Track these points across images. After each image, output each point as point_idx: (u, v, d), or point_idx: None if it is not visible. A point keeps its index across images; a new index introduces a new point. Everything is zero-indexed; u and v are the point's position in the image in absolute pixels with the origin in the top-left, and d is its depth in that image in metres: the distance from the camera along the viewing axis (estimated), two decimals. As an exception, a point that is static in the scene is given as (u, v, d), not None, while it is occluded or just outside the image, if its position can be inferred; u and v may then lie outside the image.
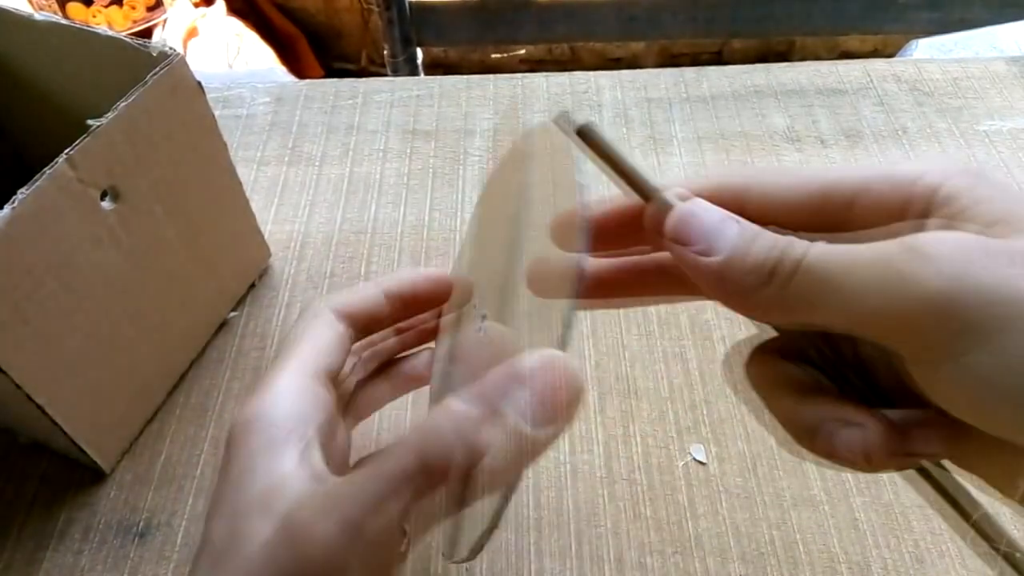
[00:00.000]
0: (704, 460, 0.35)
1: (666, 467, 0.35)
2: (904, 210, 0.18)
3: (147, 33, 1.15)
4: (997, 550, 0.18)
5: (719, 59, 1.38)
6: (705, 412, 0.36)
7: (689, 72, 0.54)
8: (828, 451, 0.19)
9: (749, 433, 0.36)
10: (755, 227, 0.19)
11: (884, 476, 0.34)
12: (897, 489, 0.34)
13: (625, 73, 0.54)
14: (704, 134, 0.50)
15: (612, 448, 0.35)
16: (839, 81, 0.53)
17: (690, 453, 0.35)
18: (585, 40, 1.28)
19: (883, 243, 0.17)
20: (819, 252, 0.17)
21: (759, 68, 0.54)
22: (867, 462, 0.18)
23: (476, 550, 0.19)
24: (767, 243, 0.18)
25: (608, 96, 0.53)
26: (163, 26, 1.16)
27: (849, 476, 0.34)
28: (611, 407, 0.37)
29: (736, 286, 0.18)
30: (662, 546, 0.32)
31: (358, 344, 0.26)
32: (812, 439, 0.19)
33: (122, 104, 0.29)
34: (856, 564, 0.32)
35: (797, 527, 0.33)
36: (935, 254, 0.16)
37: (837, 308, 0.17)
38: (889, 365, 0.19)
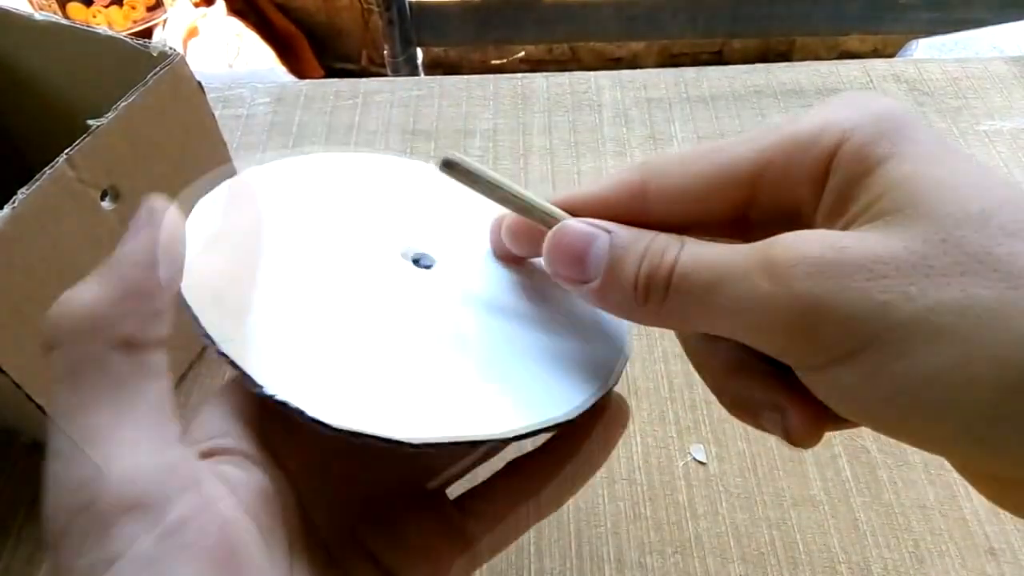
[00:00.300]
0: (704, 460, 0.35)
1: (666, 467, 0.35)
2: (811, 180, 0.17)
3: (147, 33, 1.15)
4: None
5: (719, 59, 1.38)
6: (705, 412, 0.36)
7: (689, 72, 0.54)
8: (755, 425, 0.19)
9: (749, 433, 0.36)
10: (626, 237, 0.18)
11: (884, 476, 0.34)
12: (897, 489, 0.34)
13: (625, 73, 0.54)
14: (704, 134, 0.50)
15: (612, 448, 0.35)
16: (839, 81, 0.53)
17: (690, 453, 0.35)
18: (585, 40, 1.28)
19: (745, 250, 0.16)
20: (687, 262, 0.16)
21: (759, 68, 0.54)
22: (789, 442, 0.18)
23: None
24: (634, 258, 0.17)
25: (608, 96, 0.53)
26: (163, 26, 1.16)
27: (849, 476, 0.34)
28: (611, 407, 0.37)
29: (618, 308, 0.18)
30: (662, 546, 0.32)
31: None
32: (740, 411, 0.19)
33: (122, 104, 0.29)
34: (856, 564, 0.32)
35: (797, 527, 0.33)
36: (788, 271, 0.15)
37: (712, 322, 0.16)
38: None
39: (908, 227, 0.14)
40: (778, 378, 0.18)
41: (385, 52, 1.04)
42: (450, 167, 0.20)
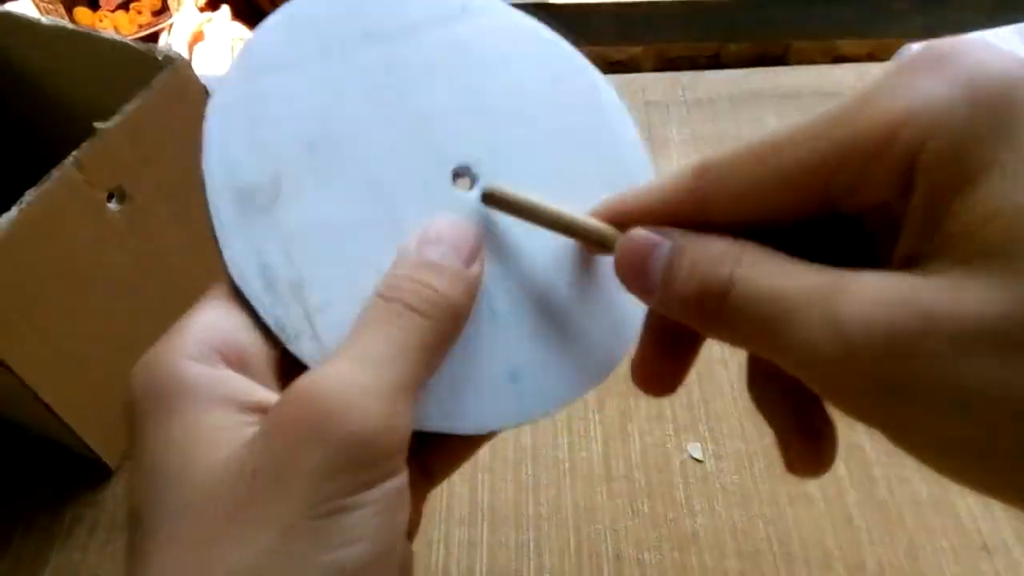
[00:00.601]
0: (701, 458, 0.35)
1: (664, 465, 0.35)
2: (893, 186, 0.13)
3: (153, 38, 1.15)
4: None
5: (716, 63, 1.38)
6: (702, 411, 0.37)
7: (686, 76, 0.54)
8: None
9: (745, 431, 0.36)
10: (684, 245, 0.16)
11: (878, 473, 0.34)
12: (892, 486, 0.34)
13: (622, 76, 0.55)
14: (701, 137, 0.50)
15: (610, 446, 0.36)
16: (835, 85, 0.54)
17: (687, 451, 0.35)
18: (583, 44, 1.29)
19: (809, 288, 0.13)
20: (742, 290, 0.14)
21: (756, 72, 0.55)
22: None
23: None
24: (686, 272, 0.16)
25: (607, 99, 0.53)
26: (169, 31, 1.17)
27: (844, 473, 0.34)
28: (610, 406, 0.37)
29: (680, 319, 0.16)
30: (659, 543, 0.33)
31: None
32: (758, 409, 0.19)
33: (128, 107, 0.30)
34: (851, 560, 0.32)
35: (793, 524, 0.33)
36: (858, 341, 0.12)
37: (769, 356, 0.15)
38: None
39: (1010, 283, 0.11)
40: (798, 403, 0.17)
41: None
42: (490, 199, 0.19)
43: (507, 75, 0.22)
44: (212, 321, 0.17)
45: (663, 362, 0.19)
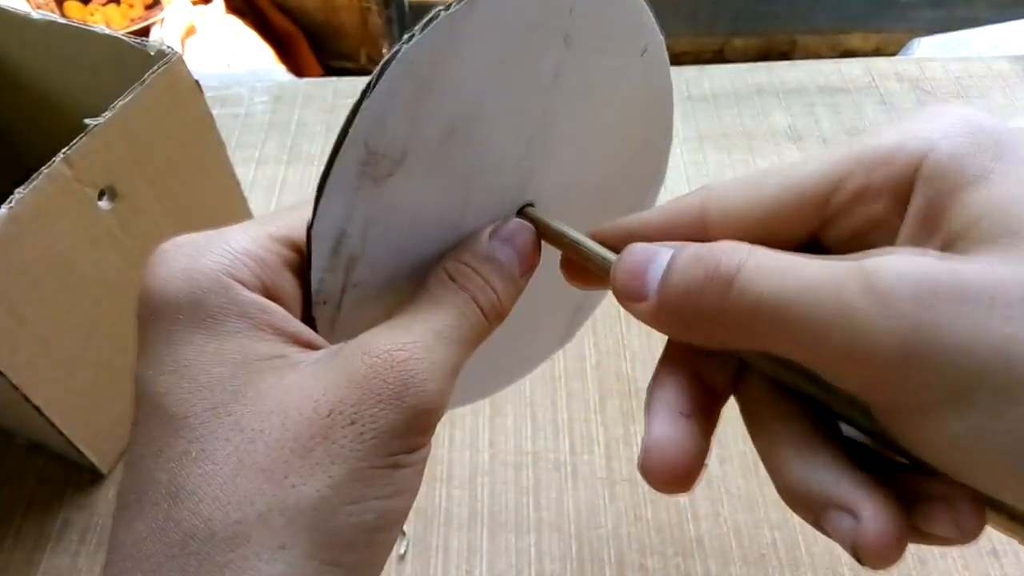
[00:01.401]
0: (706, 461, 0.35)
1: (667, 468, 0.34)
2: (892, 195, 0.15)
3: (145, 32, 1.15)
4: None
5: (721, 58, 1.38)
6: (706, 413, 0.36)
7: (691, 71, 0.54)
8: (815, 526, 0.16)
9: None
10: (689, 247, 0.16)
11: (886, 477, 0.34)
12: (899, 490, 0.34)
13: (626, 72, 0.54)
14: (706, 133, 0.50)
15: (613, 449, 0.35)
16: (841, 80, 0.53)
17: (691, 454, 0.35)
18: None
19: (833, 266, 0.14)
20: (756, 268, 0.14)
21: (761, 67, 0.54)
22: (858, 559, 0.15)
23: None
24: (687, 263, 0.16)
25: (608, 95, 0.53)
26: (161, 25, 1.16)
27: (851, 477, 0.34)
28: (612, 407, 0.37)
29: (675, 319, 0.16)
30: (663, 548, 0.32)
31: None
32: (797, 503, 0.16)
33: (120, 103, 0.29)
34: (859, 566, 0.31)
35: (799, 528, 0.32)
36: (893, 297, 0.13)
37: (779, 340, 0.14)
38: None
39: (1015, 259, 0.13)
40: (855, 465, 0.15)
41: (384, 51, 1.04)
42: (523, 215, 0.21)
43: (620, 145, 0.22)
44: (262, 256, 0.17)
45: (678, 445, 0.18)
